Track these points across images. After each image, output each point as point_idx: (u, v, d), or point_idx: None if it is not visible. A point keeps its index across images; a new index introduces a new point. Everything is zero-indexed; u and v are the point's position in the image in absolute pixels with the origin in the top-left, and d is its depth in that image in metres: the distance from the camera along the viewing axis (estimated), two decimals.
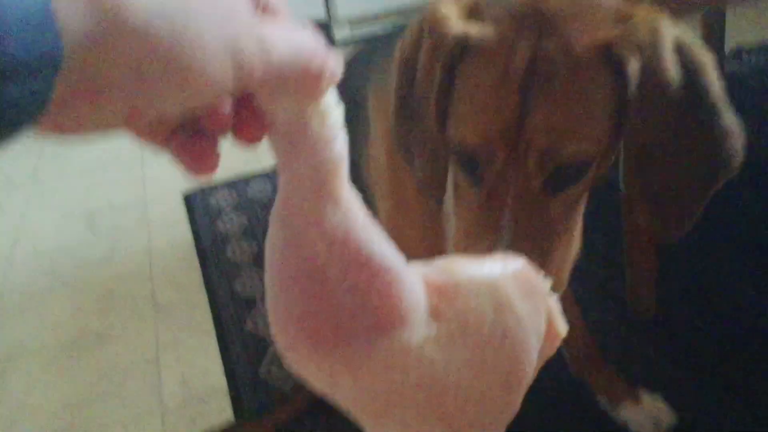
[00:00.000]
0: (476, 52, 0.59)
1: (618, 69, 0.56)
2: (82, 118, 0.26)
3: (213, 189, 1.80)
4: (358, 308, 0.35)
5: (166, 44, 0.25)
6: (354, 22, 2.91)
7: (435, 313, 0.37)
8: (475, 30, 0.60)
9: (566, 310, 0.89)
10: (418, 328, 0.36)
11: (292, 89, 0.31)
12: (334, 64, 0.32)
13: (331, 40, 2.94)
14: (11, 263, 1.65)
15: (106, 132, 0.28)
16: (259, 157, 1.99)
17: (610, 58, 0.56)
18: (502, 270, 0.39)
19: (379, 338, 0.35)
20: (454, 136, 0.60)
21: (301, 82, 0.31)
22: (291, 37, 0.30)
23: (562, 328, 0.41)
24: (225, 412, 1.11)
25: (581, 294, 1.01)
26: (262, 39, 0.29)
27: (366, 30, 2.94)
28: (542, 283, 0.41)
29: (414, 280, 0.36)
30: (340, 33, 2.93)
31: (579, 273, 1.01)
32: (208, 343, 1.27)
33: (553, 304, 0.41)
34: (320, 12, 2.87)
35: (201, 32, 0.26)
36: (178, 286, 1.45)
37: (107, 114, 0.27)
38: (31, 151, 2.21)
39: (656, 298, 1.05)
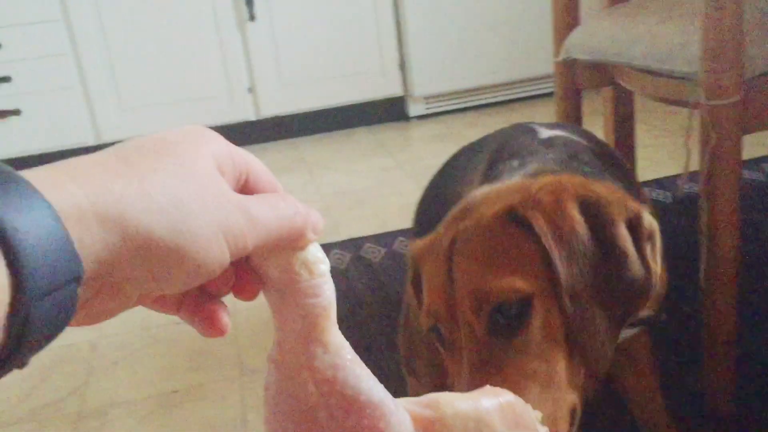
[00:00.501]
0: (426, 255, 0.73)
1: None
2: (104, 309, 0.31)
3: None
4: None
5: (167, 241, 0.29)
6: (429, 99, 3.03)
7: None
8: (422, 243, 0.75)
9: (646, 387, 0.94)
10: None
11: (280, 247, 0.35)
12: (315, 218, 0.37)
13: (406, 116, 3.07)
14: None
15: (120, 312, 0.33)
16: (338, 227, 2.09)
17: (517, 218, 0.67)
18: (488, 403, 0.41)
19: None
20: (421, 320, 0.73)
21: (287, 240, 0.35)
22: (273, 206, 0.34)
23: None
24: None
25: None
26: (249, 214, 0.33)
27: (440, 107, 3.05)
28: (531, 414, 0.43)
29: (402, 416, 0.38)
30: (416, 109, 3.05)
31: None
32: None
33: None
34: (397, 89, 3.01)
35: (196, 223, 0.30)
36: (263, 350, 1.53)
37: (124, 301, 0.31)
38: None
39: (734, 394, 1.07)
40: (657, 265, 0.67)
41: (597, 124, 1.63)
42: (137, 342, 1.63)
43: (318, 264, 0.37)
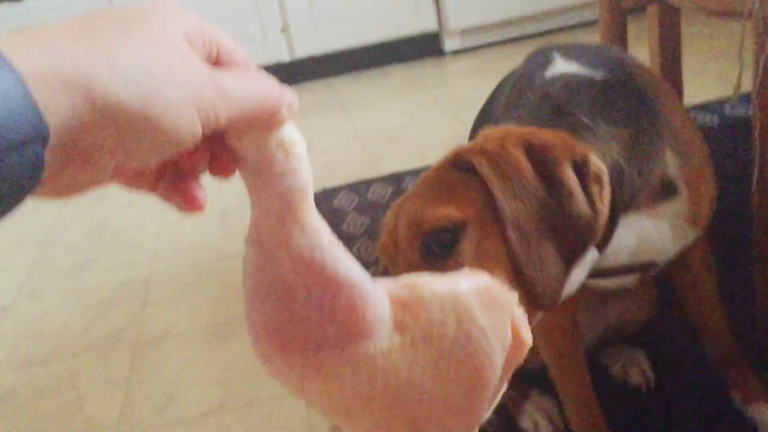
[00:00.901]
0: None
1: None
2: (77, 181, 0.31)
3: (335, 191, 1.91)
4: (325, 322, 0.38)
5: (136, 108, 0.29)
6: (465, 32, 2.98)
7: (400, 326, 0.39)
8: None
9: (708, 303, 0.95)
10: (384, 339, 0.38)
11: (254, 125, 0.35)
12: (291, 97, 0.36)
13: (441, 51, 3.02)
14: (156, 257, 1.81)
15: (97, 188, 0.33)
16: (379, 162, 2.09)
17: (462, 164, 0.69)
18: (465, 285, 0.41)
19: (346, 348, 0.38)
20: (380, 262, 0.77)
21: (261, 117, 0.35)
22: (246, 80, 0.34)
23: (528, 337, 0.43)
24: None
25: None
26: (220, 86, 0.32)
27: (476, 41, 3.00)
28: (506, 295, 0.43)
29: (380, 295, 0.39)
30: (451, 44, 3.01)
31: None
32: None
33: (519, 315, 0.43)
34: (432, 24, 2.96)
35: (165, 91, 0.30)
36: None
37: (96, 173, 0.31)
38: None
39: None
40: (604, 207, 0.68)
41: (642, 50, 1.59)
42: (188, 277, 1.68)
43: (294, 145, 0.37)
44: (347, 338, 0.38)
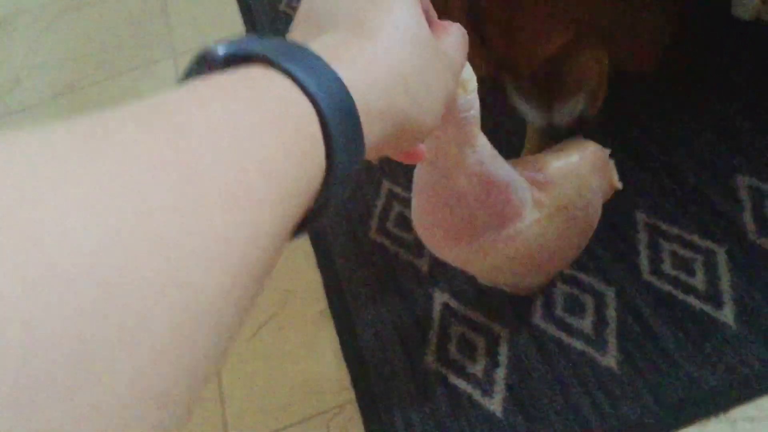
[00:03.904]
0: None
1: None
2: None
3: None
4: (487, 215, 0.48)
5: (417, 117, 0.31)
6: None
7: (538, 203, 0.49)
8: None
9: None
10: (527, 216, 0.49)
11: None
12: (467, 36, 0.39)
13: None
14: None
15: None
16: None
17: None
18: (579, 157, 0.52)
19: (502, 230, 0.49)
20: None
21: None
22: (456, 42, 0.36)
23: (618, 183, 0.54)
24: None
25: None
26: (450, 62, 0.34)
27: None
28: (606, 154, 0.53)
29: (523, 184, 0.49)
30: None
31: None
32: None
33: (612, 166, 0.54)
34: None
35: (433, 98, 0.32)
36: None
37: None
38: None
39: None
40: None
41: None
42: None
43: (469, 82, 0.42)
44: (503, 223, 0.49)
